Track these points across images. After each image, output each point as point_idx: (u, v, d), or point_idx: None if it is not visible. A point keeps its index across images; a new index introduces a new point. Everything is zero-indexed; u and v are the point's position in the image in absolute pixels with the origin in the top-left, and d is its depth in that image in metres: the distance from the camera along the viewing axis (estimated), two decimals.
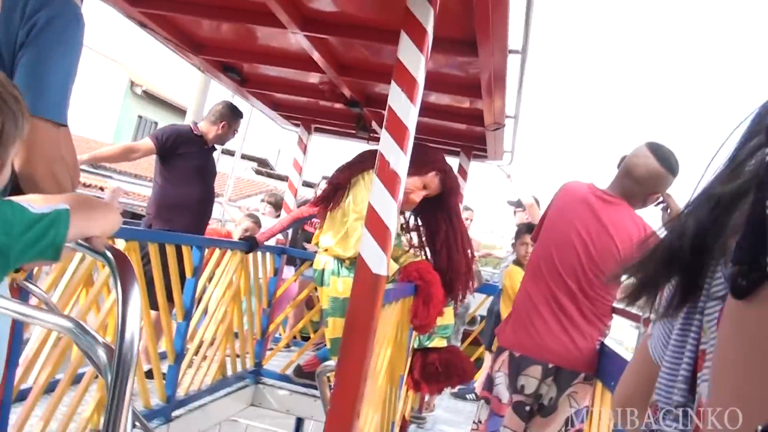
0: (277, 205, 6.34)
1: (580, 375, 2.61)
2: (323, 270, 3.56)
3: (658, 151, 2.58)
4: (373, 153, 3.38)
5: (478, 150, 5.20)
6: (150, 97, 22.50)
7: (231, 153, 18.60)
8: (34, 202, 1.35)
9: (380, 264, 2.19)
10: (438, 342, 3.77)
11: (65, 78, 1.48)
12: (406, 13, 2.22)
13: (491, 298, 5.67)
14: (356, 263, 3.47)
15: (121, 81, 21.61)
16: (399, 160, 2.21)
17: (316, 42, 3.23)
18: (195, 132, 4.38)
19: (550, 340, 2.61)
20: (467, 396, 5.78)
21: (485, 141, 4.77)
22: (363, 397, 2.19)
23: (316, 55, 3.39)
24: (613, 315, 2.69)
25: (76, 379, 3.25)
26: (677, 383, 0.74)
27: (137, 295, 1.14)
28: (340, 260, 3.50)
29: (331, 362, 2.43)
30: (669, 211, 2.77)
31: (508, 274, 4.67)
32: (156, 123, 22.19)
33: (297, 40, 3.29)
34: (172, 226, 4.16)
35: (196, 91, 8.18)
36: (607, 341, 2.68)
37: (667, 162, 2.57)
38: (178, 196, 4.26)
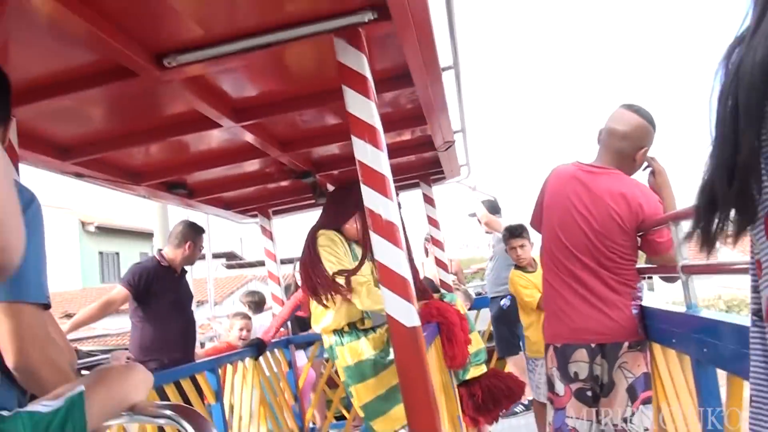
0: (260, 303, 6.21)
1: (623, 344, 2.59)
2: (330, 346, 3.61)
3: (634, 107, 2.70)
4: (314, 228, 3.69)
5: (434, 174, 5.20)
6: (105, 231, 22.74)
7: (200, 257, 18.39)
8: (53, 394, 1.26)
9: (411, 315, 2.11)
10: (475, 371, 3.71)
11: (40, 260, 1.45)
12: (340, 67, 2.20)
13: (484, 310, 5.68)
14: (355, 327, 3.54)
15: (72, 224, 21.88)
16: (388, 208, 2.16)
17: (252, 129, 3.19)
18: (162, 263, 4.29)
19: (581, 320, 2.61)
20: (516, 410, 5.67)
21: (440, 163, 4.77)
22: None
23: (257, 142, 3.35)
24: (642, 277, 2.67)
25: None
26: (751, 292, 0.89)
27: None
28: (339, 331, 3.54)
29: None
30: (654, 174, 2.80)
31: (512, 282, 4.63)
32: (117, 254, 22.79)
33: (233, 133, 3.25)
34: (161, 366, 4.01)
35: (157, 214, 8.00)
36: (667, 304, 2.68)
37: (647, 115, 2.68)
38: (160, 333, 4.15)
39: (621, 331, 2.57)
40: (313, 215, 5.78)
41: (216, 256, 18.98)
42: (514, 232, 4.62)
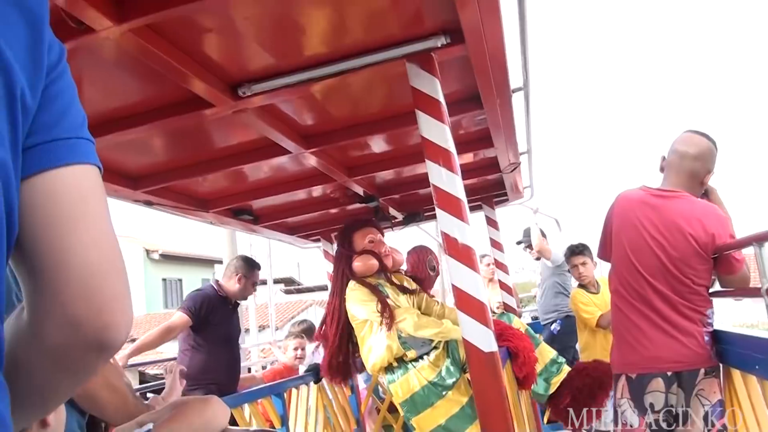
0: (309, 330, 6.18)
1: (699, 371, 2.51)
2: (387, 383, 3.60)
3: (701, 131, 2.73)
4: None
5: (497, 196, 5.16)
6: (168, 258, 23.36)
7: (263, 282, 18.72)
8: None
9: (488, 341, 2.08)
10: (557, 379, 3.65)
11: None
12: (413, 92, 2.20)
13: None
14: (402, 361, 3.53)
15: (137, 252, 22.51)
16: (464, 232, 2.14)
17: (319, 154, 3.22)
18: (220, 293, 4.33)
19: (657, 349, 2.54)
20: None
21: (503, 185, 4.73)
22: None
23: (322, 167, 3.38)
24: (712, 300, 2.59)
25: None
26: None
27: None
28: (389, 368, 3.52)
29: None
30: (708, 194, 2.82)
31: (573, 299, 4.59)
32: (180, 280, 23.51)
33: (300, 159, 3.29)
34: (215, 390, 4.02)
35: (226, 241, 8.20)
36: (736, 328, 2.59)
37: (713, 139, 2.71)
38: (208, 364, 4.16)
39: (697, 358, 2.50)
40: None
41: (275, 281, 19.27)
42: (575, 250, 4.61)
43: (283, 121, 2.80)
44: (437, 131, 2.19)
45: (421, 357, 3.51)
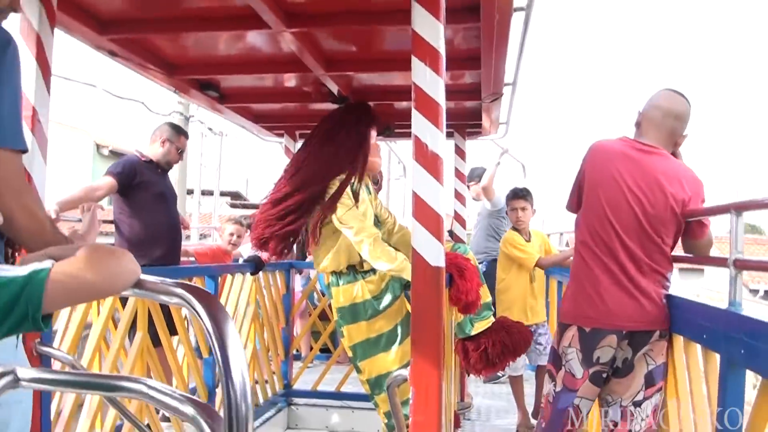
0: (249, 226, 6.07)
1: (654, 333, 2.51)
2: (327, 285, 3.57)
3: (681, 93, 2.66)
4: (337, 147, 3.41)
5: (471, 127, 5.04)
6: (118, 155, 23.98)
7: (210, 192, 18.61)
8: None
9: (438, 255, 2.01)
10: (481, 324, 3.63)
11: (16, 105, 1.41)
12: None
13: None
14: (354, 268, 3.46)
15: (88, 146, 22.81)
16: (437, 140, 2.04)
17: (302, 38, 3.04)
18: (143, 159, 4.19)
19: (617, 307, 2.51)
20: (500, 377, 5.63)
21: (480, 116, 4.61)
22: (443, 398, 2.01)
23: (302, 54, 3.20)
24: (673, 264, 2.57)
25: None
26: None
27: (235, 334, 0.95)
28: (338, 272, 3.47)
29: (402, 371, 2.25)
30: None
31: (506, 241, 4.55)
32: None
33: (281, 41, 3.11)
34: (150, 261, 3.92)
35: None
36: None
37: (689, 102, 2.66)
38: (147, 228, 4.05)
39: (655, 319, 2.50)
40: None
41: (222, 194, 19.19)
42: (519, 193, 4.56)
43: None
44: (431, 28, 2.05)
45: (373, 271, 3.46)
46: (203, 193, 18.11)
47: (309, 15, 2.84)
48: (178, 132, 4.36)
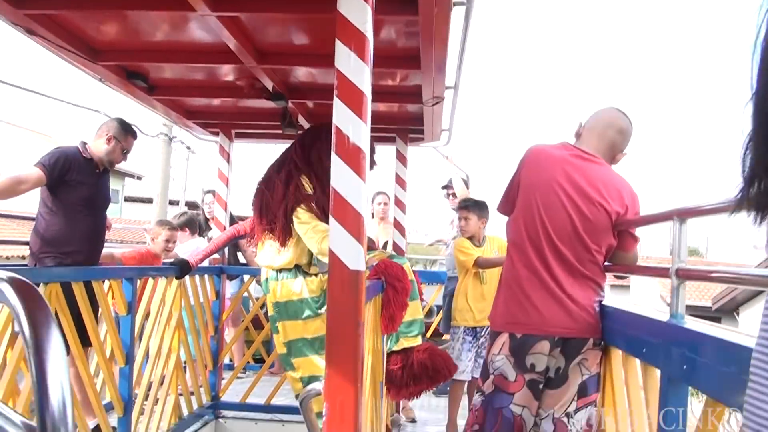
0: (190, 222, 5.79)
1: (588, 341, 2.45)
2: (266, 279, 3.53)
3: (624, 113, 2.67)
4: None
5: (413, 132, 4.91)
6: None
7: (175, 202, 18.83)
8: None
9: (358, 259, 1.84)
10: (407, 342, 3.49)
11: None
12: None
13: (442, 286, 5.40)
14: (299, 268, 3.35)
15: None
16: (360, 131, 1.87)
17: (229, 25, 2.84)
18: (84, 155, 3.85)
19: (549, 313, 2.43)
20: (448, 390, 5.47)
21: (422, 121, 4.47)
22: (359, 412, 1.83)
23: (231, 42, 3.00)
24: (606, 275, 2.51)
25: None
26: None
27: (57, 341, 0.75)
28: (281, 269, 3.45)
29: (315, 385, 2.06)
30: None
31: (456, 245, 4.51)
32: None
33: (209, 26, 2.91)
34: (64, 263, 3.64)
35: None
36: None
37: (632, 124, 2.67)
38: (66, 229, 3.72)
39: (588, 328, 2.44)
40: (274, 148, 5.49)
41: (187, 203, 19.76)
42: (461, 204, 4.60)
43: None
44: (357, 10, 1.88)
45: (315, 275, 3.44)
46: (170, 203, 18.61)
47: None
48: (126, 131, 3.98)
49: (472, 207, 4.48)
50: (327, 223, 3.14)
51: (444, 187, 5.66)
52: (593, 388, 2.46)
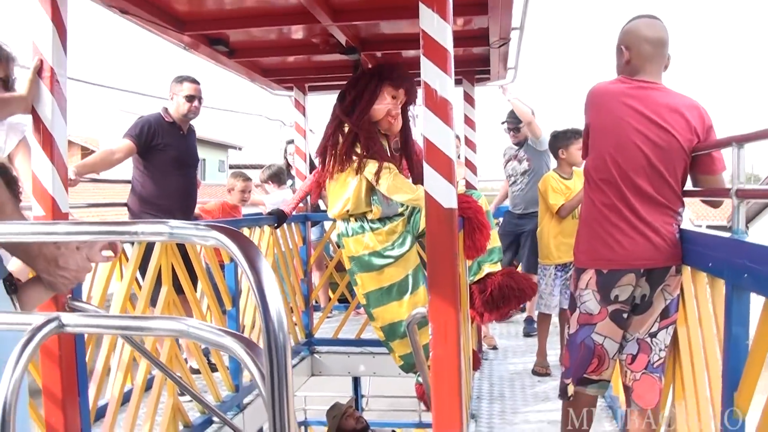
0: (278, 176, 6.12)
1: (671, 269, 2.55)
2: (339, 235, 3.74)
3: (654, 16, 2.65)
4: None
5: (479, 72, 5.04)
6: (200, 142, 27.70)
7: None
8: None
9: (450, 197, 2.08)
10: (489, 268, 3.71)
11: None
12: None
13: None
14: (363, 218, 3.60)
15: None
16: (446, 85, 2.08)
17: None
18: (167, 119, 4.17)
19: (633, 246, 2.52)
20: (512, 315, 5.61)
21: (488, 62, 4.61)
22: (461, 335, 2.10)
23: (310, 4, 3.21)
24: (684, 200, 2.59)
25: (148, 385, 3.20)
26: None
27: (269, 269, 1.02)
28: (347, 220, 3.64)
29: (420, 309, 2.34)
30: None
31: (545, 180, 4.42)
32: (204, 159, 27.24)
33: None
34: (166, 215, 3.97)
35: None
36: None
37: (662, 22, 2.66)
38: (160, 189, 4.09)
39: (670, 256, 2.53)
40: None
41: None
42: (579, 133, 4.19)
43: None
44: None
45: (381, 220, 3.59)
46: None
47: None
48: (178, 80, 4.25)
49: (578, 135, 4.17)
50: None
51: (503, 122, 5.43)
52: (674, 309, 2.58)
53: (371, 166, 3.47)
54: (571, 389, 2.72)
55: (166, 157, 4.12)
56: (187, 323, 1.21)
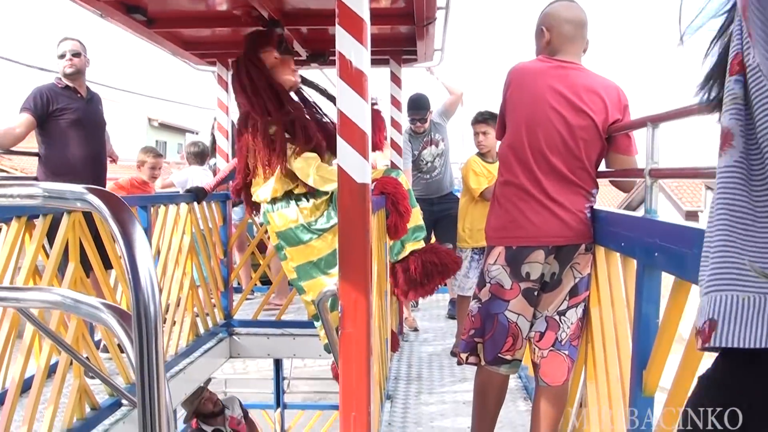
0: (202, 154, 5.95)
1: (580, 247, 2.57)
2: (264, 212, 3.69)
3: (576, 3, 2.67)
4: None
5: (407, 53, 5.01)
6: (163, 126, 30.81)
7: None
8: None
9: (363, 172, 2.03)
10: (412, 246, 3.70)
11: None
12: None
13: None
14: (289, 193, 3.53)
15: (143, 120, 29.15)
16: (361, 56, 2.02)
17: None
18: (60, 85, 3.97)
19: (542, 224, 2.54)
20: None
21: (415, 42, 4.57)
22: (371, 312, 2.06)
23: None
24: (597, 182, 2.62)
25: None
26: None
27: (143, 236, 0.95)
28: (273, 198, 3.59)
29: (330, 286, 2.29)
30: None
31: (466, 165, 4.46)
32: (165, 142, 30.43)
33: None
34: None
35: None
36: None
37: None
38: (63, 157, 3.91)
39: (580, 234, 2.56)
40: None
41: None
42: (479, 118, 4.43)
43: None
44: None
45: (306, 197, 3.54)
46: None
47: None
48: (59, 43, 4.06)
49: (490, 119, 4.31)
50: None
51: (410, 117, 5.20)
52: (583, 288, 2.61)
53: (297, 162, 3.43)
54: (464, 358, 2.73)
55: (66, 122, 3.93)
56: (62, 294, 1.15)
